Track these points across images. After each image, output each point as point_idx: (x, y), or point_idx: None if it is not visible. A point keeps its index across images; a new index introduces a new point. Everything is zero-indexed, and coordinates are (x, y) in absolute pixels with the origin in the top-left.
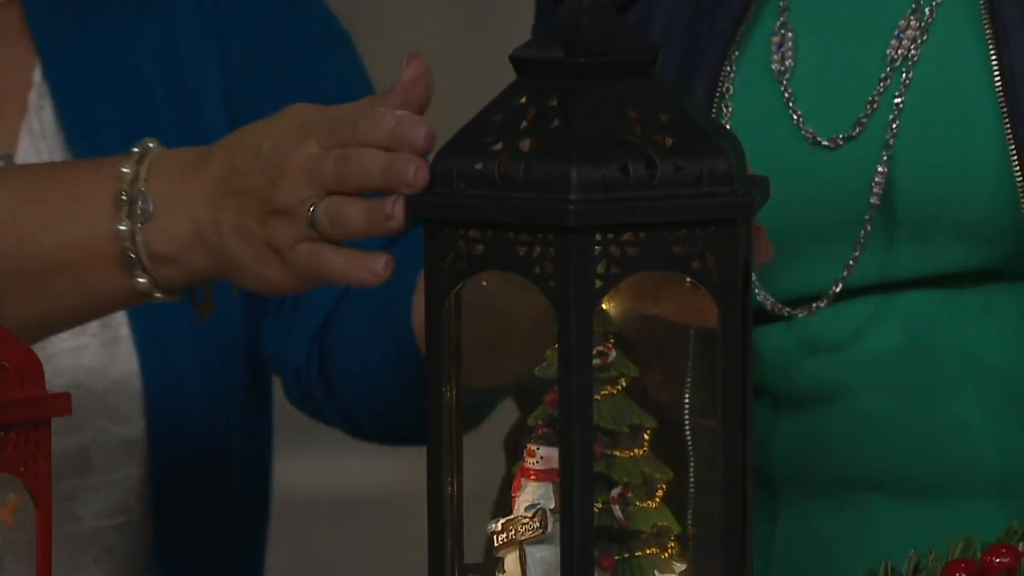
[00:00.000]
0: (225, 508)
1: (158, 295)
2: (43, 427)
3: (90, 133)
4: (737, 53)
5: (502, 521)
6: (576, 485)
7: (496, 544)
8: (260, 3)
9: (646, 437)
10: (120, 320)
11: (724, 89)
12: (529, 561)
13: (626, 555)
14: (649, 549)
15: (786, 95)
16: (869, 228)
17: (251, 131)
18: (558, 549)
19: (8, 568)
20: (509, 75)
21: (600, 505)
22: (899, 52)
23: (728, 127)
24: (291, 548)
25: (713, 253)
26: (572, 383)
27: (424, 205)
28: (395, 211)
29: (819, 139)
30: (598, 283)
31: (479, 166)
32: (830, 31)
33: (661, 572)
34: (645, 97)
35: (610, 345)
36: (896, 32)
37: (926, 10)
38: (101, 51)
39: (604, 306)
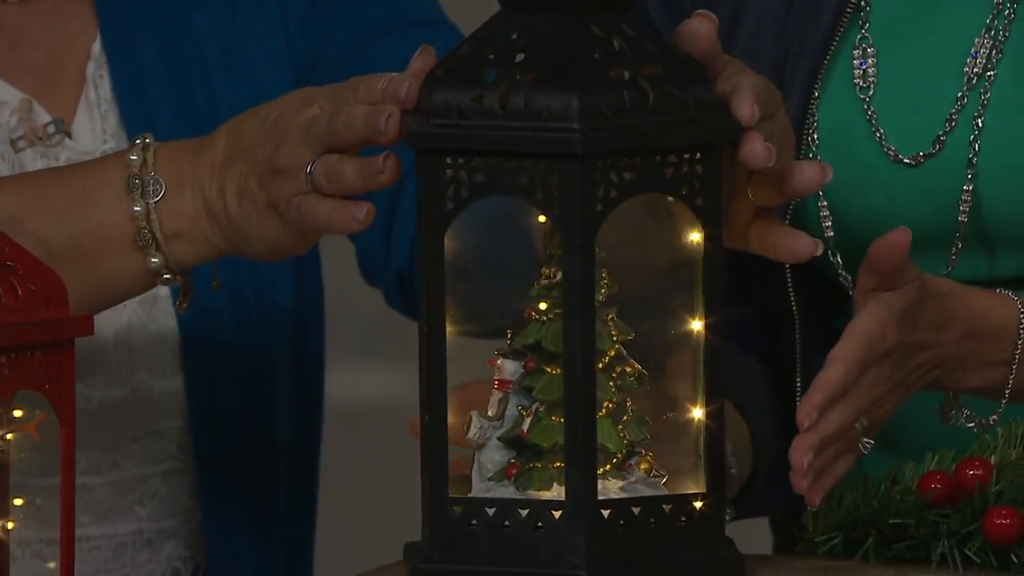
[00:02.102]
0: (272, 457)
1: (167, 276)
2: (67, 347)
3: (143, 105)
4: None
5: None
6: (431, 392)
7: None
8: None
9: (606, 359)
10: None
11: (813, 99)
12: (474, 463)
13: (530, 466)
14: (560, 463)
15: (869, 112)
16: (960, 245)
17: (258, 109)
18: (489, 455)
19: (33, 482)
20: None
21: (526, 416)
22: (975, 70)
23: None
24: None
25: (556, 187)
26: (428, 300)
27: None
28: (385, 166)
29: (900, 156)
30: (450, 205)
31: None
32: (908, 47)
33: (563, 485)
34: (551, 35)
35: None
36: (972, 51)
37: (1000, 29)
38: (161, 25)
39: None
